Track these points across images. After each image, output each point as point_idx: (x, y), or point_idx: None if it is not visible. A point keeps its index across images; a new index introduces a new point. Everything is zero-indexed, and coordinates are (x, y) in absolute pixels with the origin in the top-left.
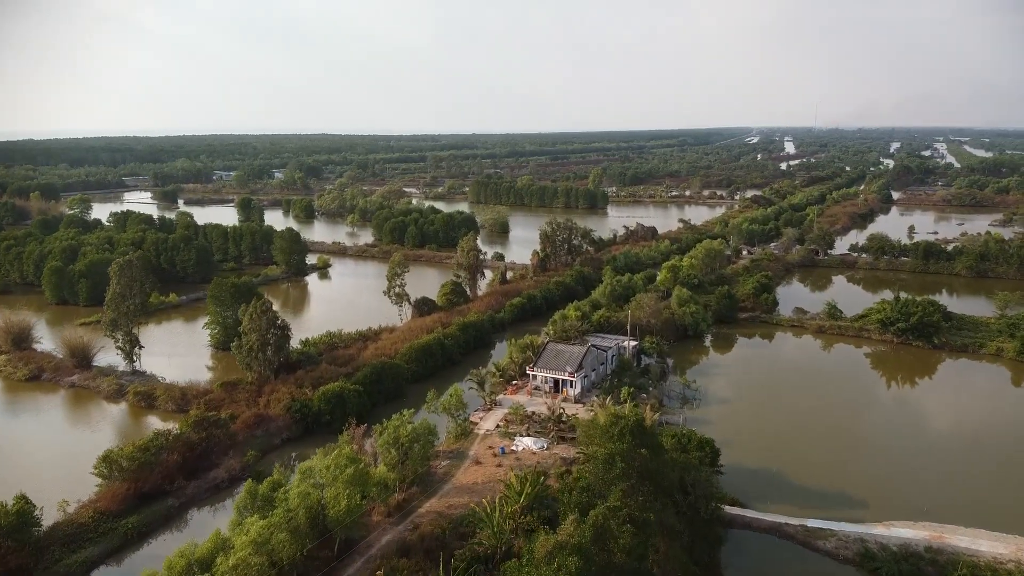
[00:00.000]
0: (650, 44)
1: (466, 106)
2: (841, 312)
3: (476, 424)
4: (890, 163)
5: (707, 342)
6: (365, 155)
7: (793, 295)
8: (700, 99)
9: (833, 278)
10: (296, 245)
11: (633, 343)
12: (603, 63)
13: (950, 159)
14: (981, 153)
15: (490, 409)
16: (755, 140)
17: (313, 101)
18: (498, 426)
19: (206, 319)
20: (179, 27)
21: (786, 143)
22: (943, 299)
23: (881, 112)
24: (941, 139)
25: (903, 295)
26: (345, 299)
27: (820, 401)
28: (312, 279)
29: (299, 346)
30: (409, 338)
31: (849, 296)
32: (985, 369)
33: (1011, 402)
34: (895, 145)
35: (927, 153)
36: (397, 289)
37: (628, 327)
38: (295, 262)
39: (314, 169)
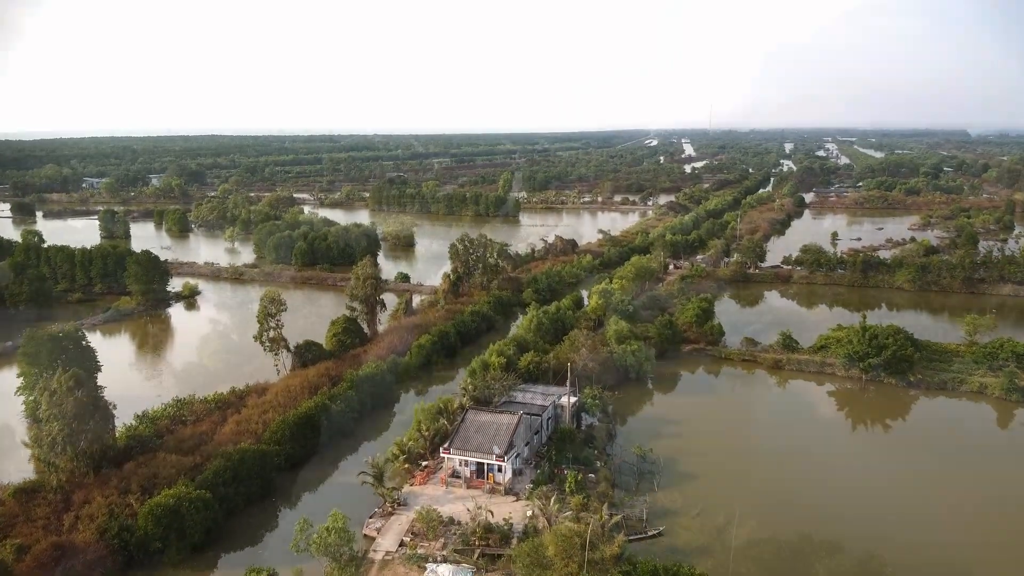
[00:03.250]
0: (546, 43)
1: (364, 104)
2: (797, 343)
3: (372, 541)
4: (790, 164)
5: (649, 384)
6: (255, 158)
7: (730, 316)
8: (599, 100)
9: (766, 294)
10: (155, 270)
11: (573, 399)
12: (503, 63)
13: (844, 159)
14: (872, 152)
15: (391, 513)
16: (654, 143)
17: (196, 98)
18: (402, 543)
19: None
20: (51, 21)
21: (685, 145)
22: (887, 315)
23: (769, 112)
24: (830, 139)
25: (869, 323)
26: (213, 339)
27: (802, 470)
28: (177, 311)
29: (134, 421)
30: (285, 402)
31: (793, 317)
32: (975, 412)
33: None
34: (789, 146)
35: (821, 153)
36: (271, 333)
37: (568, 380)
38: (155, 291)
39: (197, 174)
